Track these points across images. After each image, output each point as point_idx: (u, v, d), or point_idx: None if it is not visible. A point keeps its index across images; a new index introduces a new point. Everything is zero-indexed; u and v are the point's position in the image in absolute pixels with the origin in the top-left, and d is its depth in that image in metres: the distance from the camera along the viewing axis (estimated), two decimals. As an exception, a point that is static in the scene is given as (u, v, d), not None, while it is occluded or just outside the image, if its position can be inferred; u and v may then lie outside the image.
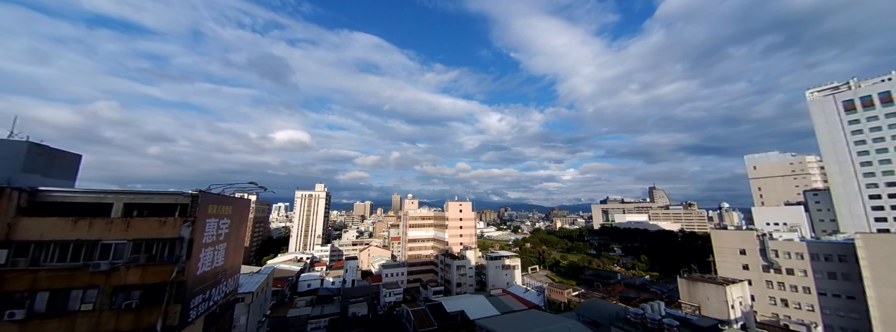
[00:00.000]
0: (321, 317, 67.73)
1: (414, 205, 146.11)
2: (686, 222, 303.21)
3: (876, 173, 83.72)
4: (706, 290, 50.33)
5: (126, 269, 22.33)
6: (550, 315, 52.12)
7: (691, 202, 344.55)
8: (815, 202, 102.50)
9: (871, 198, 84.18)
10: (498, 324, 45.31)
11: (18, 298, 20.24)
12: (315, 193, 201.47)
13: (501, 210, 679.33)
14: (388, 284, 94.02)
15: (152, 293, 22.67)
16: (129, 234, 22.90)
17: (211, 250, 27.02)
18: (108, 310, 21.57)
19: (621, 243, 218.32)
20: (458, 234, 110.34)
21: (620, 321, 41.90)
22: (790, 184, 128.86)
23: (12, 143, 24.10)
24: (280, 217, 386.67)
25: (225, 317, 32.16)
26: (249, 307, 42.83)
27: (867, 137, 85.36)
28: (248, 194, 51.15)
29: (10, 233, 20.64)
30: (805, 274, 59.89)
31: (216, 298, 28.77)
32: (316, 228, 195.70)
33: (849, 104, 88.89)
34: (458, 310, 65.67)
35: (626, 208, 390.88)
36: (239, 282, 36.61)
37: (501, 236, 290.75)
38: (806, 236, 76.23)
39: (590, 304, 54.16)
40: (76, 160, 29.02)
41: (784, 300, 61.65)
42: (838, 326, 55.97)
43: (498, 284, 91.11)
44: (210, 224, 26.62)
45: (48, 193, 22.85)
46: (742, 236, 68.91)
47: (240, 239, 34.05)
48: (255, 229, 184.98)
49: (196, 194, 25.06)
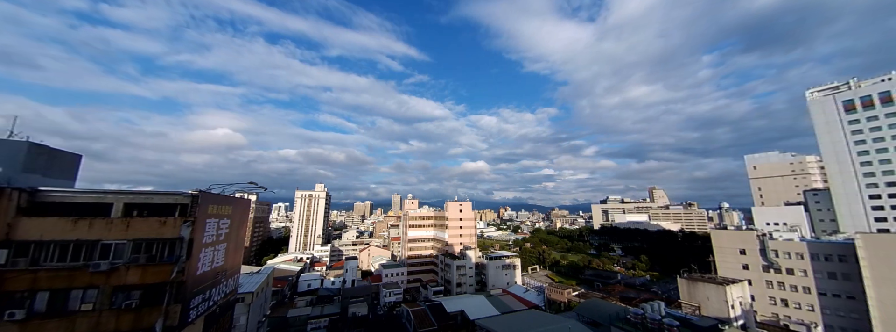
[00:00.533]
0: (321, 317, 67.73)
1: (414, 205, 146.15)
2: (686, 222, 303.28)
3: (876, 172, 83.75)
4: (706, 290, 50.35)
5: (126, 269, 22.34)
6: (550, 315, 52.10)
7: (691, 202, 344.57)
8: (815, 202, 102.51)
9: (871, 198, 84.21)
10: (498, 324, 45.30)
11: (18, 298, 20.26)
12: (315, 193, 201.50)
13: (501, 210, 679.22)
14: (388, 284, 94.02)
15: (152, 293, 22.68)
16: (129, 234, 22.90)
17: (211, 250, 27.02)
18: (108, 310, 21.58)
19: (621, 243, 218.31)
20: (458, 234, 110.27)
21: (620, 321, 41.94)
22: (790, 184, 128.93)
23: (12, 143, 24.09)
24: (280, 217, 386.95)
25: (225, 317, 32.17)
26: (249, 307, 42.87)
27: (867, 137, 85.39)
28: (248, 194, 51.16)
29: (10, 233, 20.66)
30: (805, 274, 59.89)
31: (216, 298, 28.78)
32: (316, 228, 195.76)
33: (849, 104, 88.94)
34: (458, 310, 65.72)
35: (626, 208, 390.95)
36: (239, 282, 36.62)
37: (501, 236, 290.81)
38: (806, 236, 76.21)
39: (590, 304, 54.17)
40: (76, 160, 29.03)
41: (784, 300, 61.65)
42: (838, 326, 55.95)
43: (498, 284, 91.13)
44: (210, 224, 26.63)
45: (48, 193, 22.86)
46: (742, 236, 68.91)
47: (240, 239, 34.06)
48: (255, 229, 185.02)
49: (196, 194, 25.05)
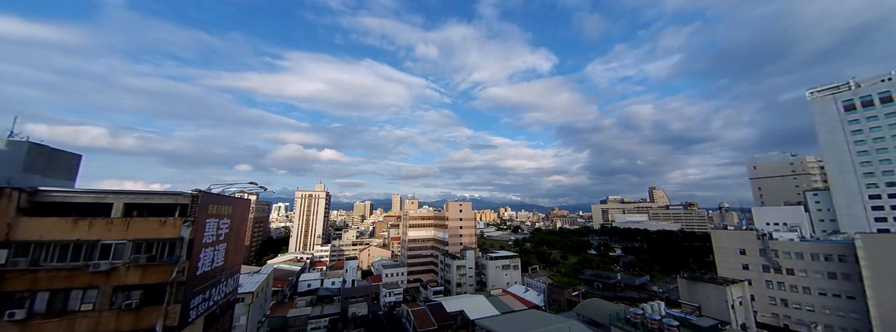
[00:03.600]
0: (321, 317, 67.78)
1: (414, 205, 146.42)
2: (686, 222, 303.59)
3: (876, 172, 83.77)
4: (706, 290, 50.22)
5: (126, 269, 22.35)
6: (550, 315, 51.98)
7: (691, 202, 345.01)
8: (815, 202, 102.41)
9: (871, 198, 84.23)
10: (498, 324, 45.23)
11: (18, 298, 20.26)
12: (315, 192, 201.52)
13: (501, 210, 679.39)
14: (388, 284, 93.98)
15: (152, 293, 22.67)
16: (129, 234, 22.91)
17: (211, 250, 27.01)
18: (108, 310, 21.59)
19: (621, 243, 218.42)
20: (458, 234, 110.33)
21: (620, 320, 41.91)
22: (790, 184, 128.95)
23: (12, 143, 24.10)
24: (280, 217, 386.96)
25: (225, 317, 32.16)
26: (249, 307, 42.94)
27: (867, 137, 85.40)
28: (248, 194, 51.16)
29: (10, 233, 20.66)
30: (805, 274, 59.87)
31: (216, 298, 28.77)
32: (316, 228, 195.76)
33: (849, 104, 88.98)
34: (458, 310, 65.74)
35: (626, 208, 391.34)
36: (239, 282, 36.61)
37: (501, 236, 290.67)
38: (806, 236, 76.18)
39: (590, 304, 54.08)
40: (76, 160, 29.03)
41: (784, 300, 61.64)
42: (838, 326, 55.92)
43: (498, 284, 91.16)
44: (210, 224, 26.62)
45: (48, 193, 22.86)
46: (742, 236, 68.90)
47: (240, 239, 34.05)
48: (255, 229, 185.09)
49: (196, 194, 25.05)
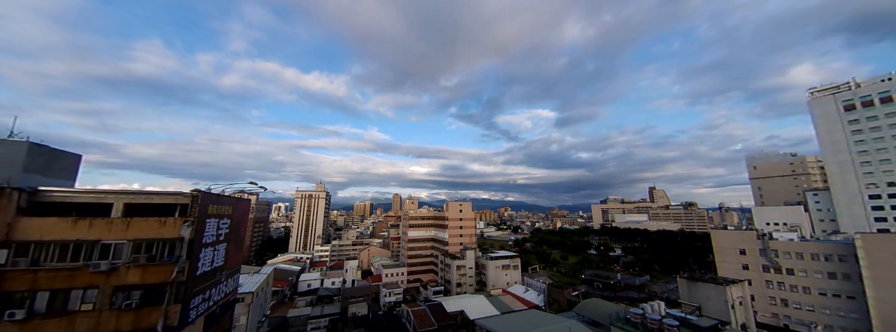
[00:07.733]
0: (321, 317, 67.80)
1: (414, 205, 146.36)
2: (686, 222, 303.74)
3: (876, 172, 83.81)
4: (706, 290, 50.22)
5: (126, 269, 22.33)
6: (550, 315, 52.01)
7: (692, 202, 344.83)
8: (815, 202, 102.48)
9: (871, 198, 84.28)
10: (498, 324, 45.24)
11: (18, 298, 20.25)
12: (315, 192, 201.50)
13: (501, 210, 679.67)
14: (388, 284, 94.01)
15: (152, 293, 22.66)
16: (129, 234, 22.90)
17: (211, 250, 27.00)
18: (108, 310, 21.57)
19: (621, 243, 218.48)
20: (458, 234, 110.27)
21: (620, 320, 41.94)
22: (790, 184, 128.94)
23: (12, 143, 24.07)
24: (280, 217, 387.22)
25: (225, 317, 32.15)
26: (249, 307, 42.96)
27: (867, 137, 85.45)
28: (248, 194, 51.14)
29: (10, 233, 20.66)
30: (805, 274, 59.91)
31: (216, 298, 28.76)
32: (316, 228, 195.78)
33: (849, 104, 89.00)
34: (458, 310, 65.78)
35: (626, 208, 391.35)
36: (239, 282, 36.58)
37: (501, 236, 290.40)
38: (806, 236, 76.22)
39: (590, 304, 54.08)
40: (76, 160, 28.98)
41: (784, 300, 61.67)
42: (838, 326, 55.96)
43: (498, 284, 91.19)
44: (210, 224, 26.61)
45: (48, 193, 22.85)
46: (742, 236, 68.92)
47: (240, 239, 34.03)
48: (255, 229, 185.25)
49: (196, 194, 25.02)
